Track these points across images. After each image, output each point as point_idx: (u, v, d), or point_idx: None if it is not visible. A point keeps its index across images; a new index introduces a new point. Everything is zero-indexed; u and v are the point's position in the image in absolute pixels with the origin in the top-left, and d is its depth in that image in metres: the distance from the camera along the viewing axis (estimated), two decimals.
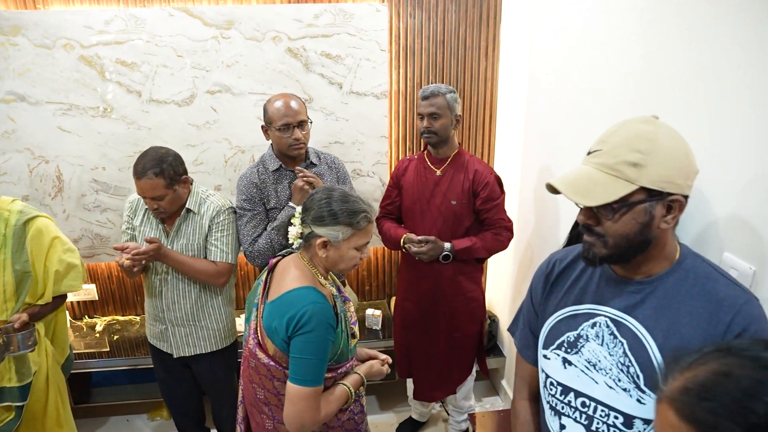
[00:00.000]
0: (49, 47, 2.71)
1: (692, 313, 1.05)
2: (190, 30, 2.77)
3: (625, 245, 1.06)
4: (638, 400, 1.09)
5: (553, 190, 1.12)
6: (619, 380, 1.11)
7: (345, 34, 2.85)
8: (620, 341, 1.11)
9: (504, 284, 3.21)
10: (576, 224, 1.65)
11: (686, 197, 1.06)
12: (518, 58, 2.81)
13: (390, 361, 1.78)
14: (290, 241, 1.62)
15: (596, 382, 1.15)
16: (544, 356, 1.28)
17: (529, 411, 1.40)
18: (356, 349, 1.76)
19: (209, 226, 2.22)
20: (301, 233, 1.58)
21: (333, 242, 1.53)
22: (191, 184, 2.24)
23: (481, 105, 3.11)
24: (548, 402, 1.28)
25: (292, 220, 1.61)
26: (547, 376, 1.27)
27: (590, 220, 1.09)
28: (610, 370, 1.12)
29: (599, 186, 1.04)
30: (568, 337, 1.21)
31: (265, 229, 2.31)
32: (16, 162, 2.88)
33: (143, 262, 2.08)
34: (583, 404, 1.18)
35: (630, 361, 1.09)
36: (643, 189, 1.02)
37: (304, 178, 2.20)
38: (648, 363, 1.07)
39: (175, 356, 2.33)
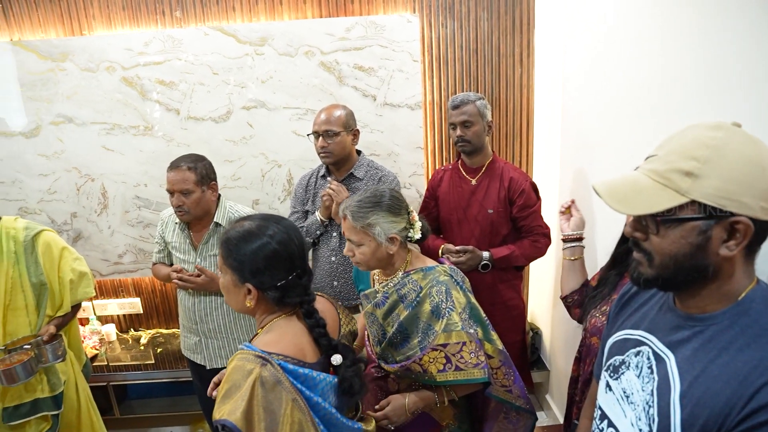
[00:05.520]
0: (93, 70, 2.84)
1: (729, 365, 0.87)
2: (225, 48, 2.84)
3: (673, 268, 0.91)
4: None
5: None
6: (640, 419, 0.98)
7: (377, 46, 2.85)
8: (653, 377, 0.98)
9: (546, 294, 3.11)
10: (622, 240, 1.57)
11: (761, 222, 0.86)
12: (554, 64, 2.74)
13: None
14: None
15: (625, 415, 1.03)
16: (601, 377, 1.19)
17: (585, 430, 1.32)
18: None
19: None
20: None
21: None
22: (219, 197, 2.28)
23: (518, 112, 3.05)
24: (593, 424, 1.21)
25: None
26: (596, 398, 1.19)
27: (637, 233, 0.95)
28: (638, 405, 1.00)
29: (642, 193, 0.90)
30: (615, 360, 1.10)
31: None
32: (65, 181, 3.00)
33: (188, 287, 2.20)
34: None
35: (653, 401, 0.96)
36: (696, 203, 0.86)
37: (327, 191, 2.25)
38: (665, 409, 0.92)
39: (208, 368, 2.35)
